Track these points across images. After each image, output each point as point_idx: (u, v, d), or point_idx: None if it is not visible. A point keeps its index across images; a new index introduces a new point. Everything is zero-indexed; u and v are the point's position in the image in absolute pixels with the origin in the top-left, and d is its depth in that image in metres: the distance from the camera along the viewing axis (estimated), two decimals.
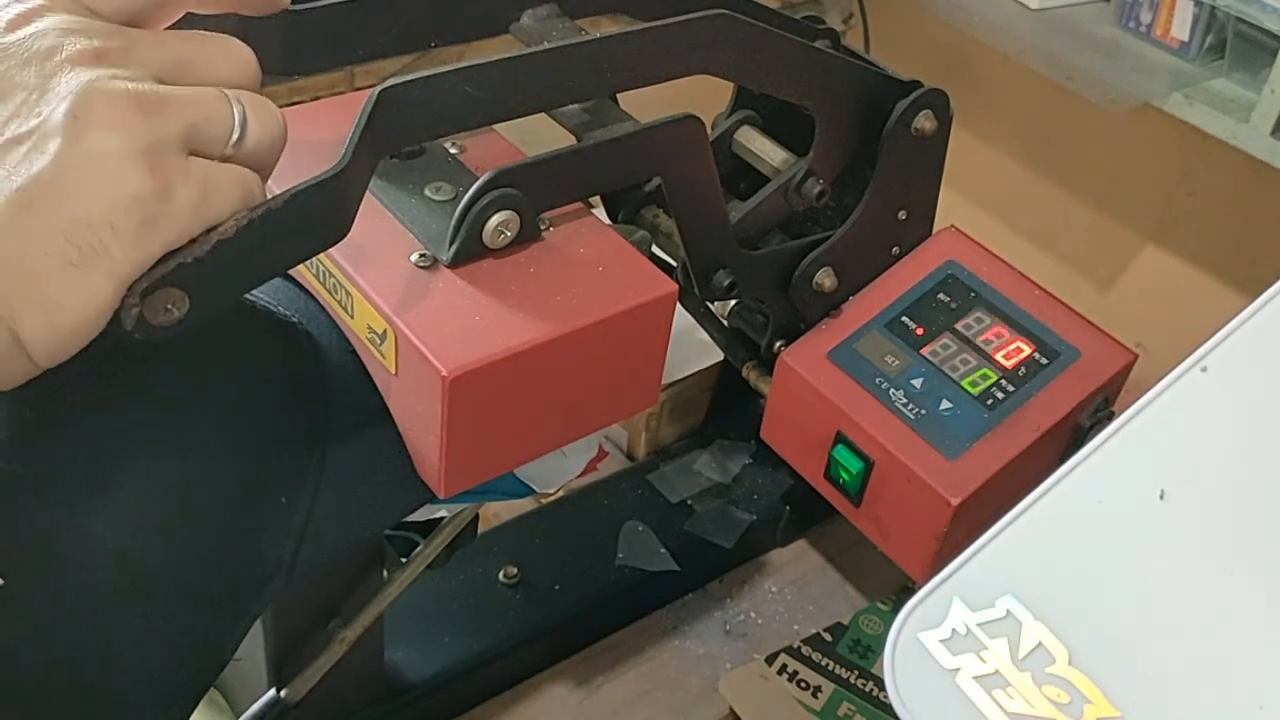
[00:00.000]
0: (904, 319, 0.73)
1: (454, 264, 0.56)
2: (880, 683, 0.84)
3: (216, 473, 0.53)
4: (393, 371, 0.55)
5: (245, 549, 0.54)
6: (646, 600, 0.92)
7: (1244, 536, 0.43)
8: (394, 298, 0.54)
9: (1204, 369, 0.47)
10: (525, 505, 0.98)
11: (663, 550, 0.94)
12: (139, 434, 0.51)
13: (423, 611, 0.90)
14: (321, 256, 0.56)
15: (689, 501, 0.98)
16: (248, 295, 0.55)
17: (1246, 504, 0.44)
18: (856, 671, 0.85)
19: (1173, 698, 0.40)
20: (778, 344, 0.74)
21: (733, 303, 0.79)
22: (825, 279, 0.72)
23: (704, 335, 0.81)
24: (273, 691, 0.75)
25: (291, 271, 0.60)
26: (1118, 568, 0.43)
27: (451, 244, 0.55)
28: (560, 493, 0.77)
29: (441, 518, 0.74)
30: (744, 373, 0.79)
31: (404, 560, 0.74)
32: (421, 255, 0.56)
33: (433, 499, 0.62)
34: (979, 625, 0.42)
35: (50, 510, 0.48)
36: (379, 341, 0.55)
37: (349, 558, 0.74)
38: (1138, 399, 0.47)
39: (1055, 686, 0.40)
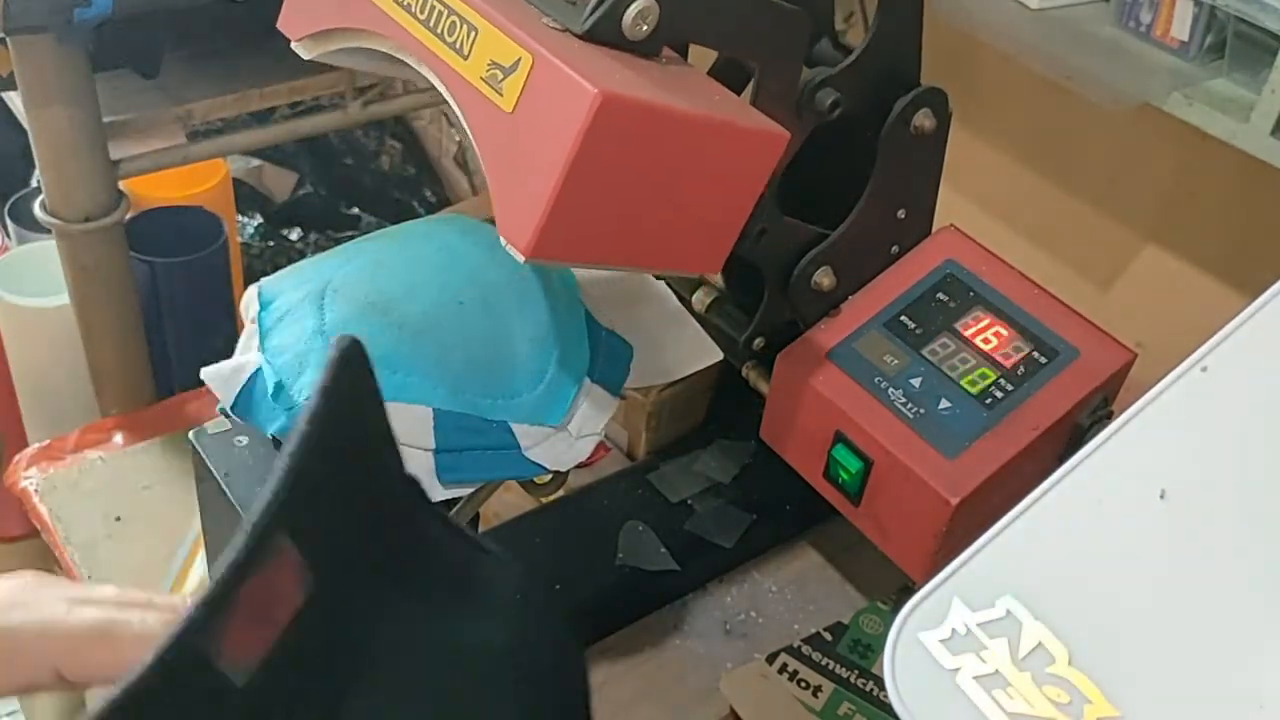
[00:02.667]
0: (903, 318, 0.73)
1: (585, 36, 0.55)
2: (880, 682, 0.84)
3: None
4: (509, 110, 0.53)
5: None
6: (646, 600, 0.92)
7: (1244, 536, 0.43)
8: (531, 32, 0.53)
9: (1204, 369, 0.47)
10: (525, 505, 0.98)
11: (663, 550, 0.94)
12: None
13: None
14: None
15: (689, 501, 0.98)
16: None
17: (1246, 504, 0.44)
18: (857, 671, 0.85)
19: (1173, 697, 0.40)
20: (757, 340, 0.74)
21: (711, 300, 0.78)
22: (824, 278, 0.72)
23: (704, 335, 0.81)
24: None
25: (382, 19, 0.59)
26: (1118, 568, 0.43)
27: (588, 18, 0.54)
28: (560, 492, 0.76)
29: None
30: (744, 372, 0.79)
31: None
32: (553, 20, 0.54)
33: None
34: (979, 625, 0.42)
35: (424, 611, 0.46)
36: (501, 77, 0.53)
37: None
38: (1137, 399, 0.47)
39: (1055, 686, 0.40)
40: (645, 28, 0.56)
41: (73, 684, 0.47)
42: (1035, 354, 0.70)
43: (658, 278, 0.78)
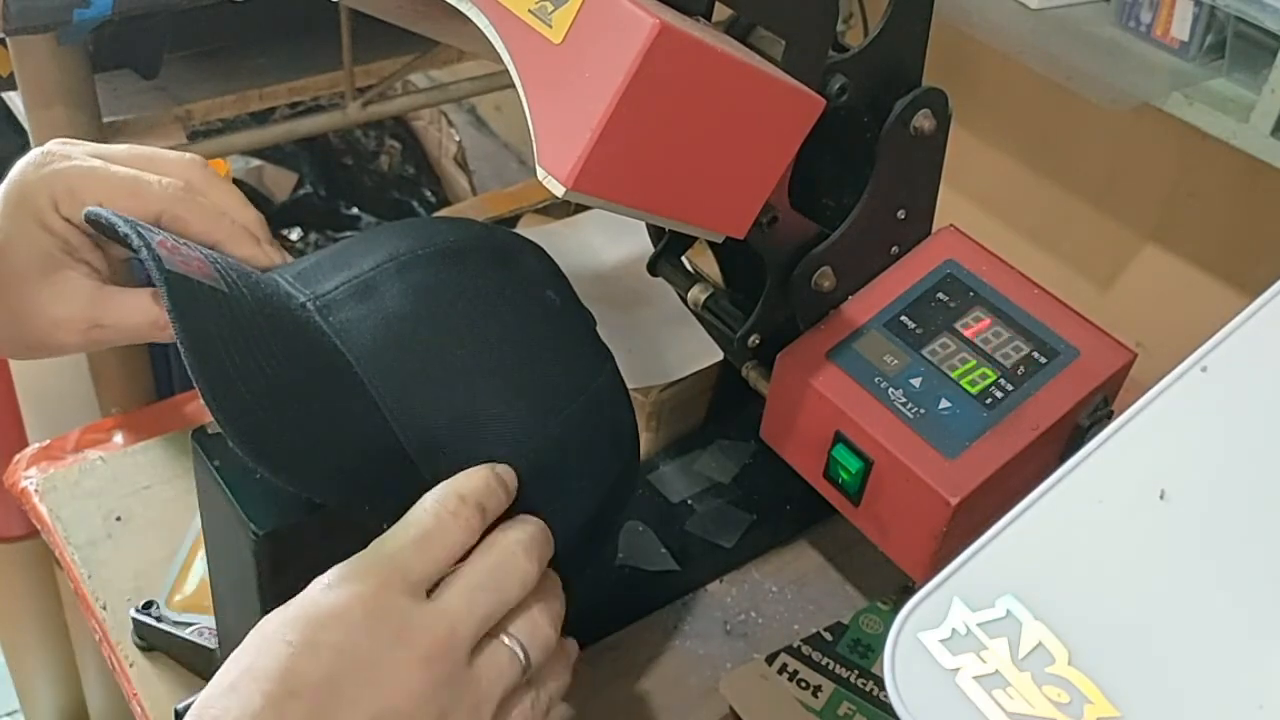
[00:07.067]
0: (903, 318, 0.73)
1: None
2: (880, 682, 0.84)
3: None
4: (557, 41, 0.53)
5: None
6: (646, 600, 0.92)
7: (1244, 536, 0.43)
8: None
9: (1204, 369, 0.47)
10: None
11: (663, 550, 0.94)
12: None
13: None
14: None
15: (689, 501, 0.98)
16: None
17: (1246, 504, 0.44)
18: (857, 671, 0.85)
19: (1173, 698, 0.40)
20: (752, 338, 0.74)
21: (706, 295, 0.78)
22: (824, 279, 0.72)
23: (704, 335, 0.81)
24: None
25: None
26: (1118, 568, 0.43)
27: None
28: None
29: None
30: (744, 372, 0.79)
31: None
32: None
33: None
34: (979, 625, 0.42)
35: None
36: (551, 9, 0.53)
37: None
38: (1137, 399, 0.47)
39: (1055, 686, 0.40)
40: None
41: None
42: (1035, 354, 0.70)
43: (678, 247, 0.78)
